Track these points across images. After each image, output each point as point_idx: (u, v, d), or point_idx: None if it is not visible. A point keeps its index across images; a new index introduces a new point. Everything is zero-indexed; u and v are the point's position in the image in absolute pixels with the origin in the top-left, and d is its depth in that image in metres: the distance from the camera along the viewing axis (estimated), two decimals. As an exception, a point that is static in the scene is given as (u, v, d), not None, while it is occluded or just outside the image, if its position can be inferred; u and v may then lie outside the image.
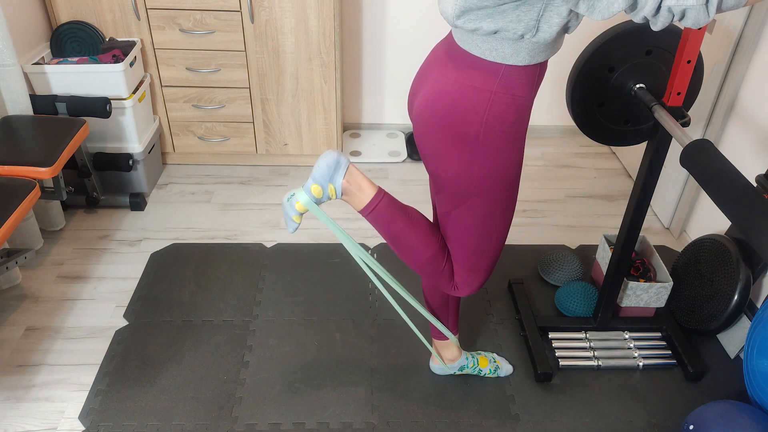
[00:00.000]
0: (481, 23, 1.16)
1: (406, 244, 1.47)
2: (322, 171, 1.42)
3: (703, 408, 1.61)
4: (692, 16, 1.06)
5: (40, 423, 1.78)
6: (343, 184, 1.43)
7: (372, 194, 1.43)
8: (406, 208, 1.48)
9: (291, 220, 1.49)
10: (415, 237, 1.46)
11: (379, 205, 1.44)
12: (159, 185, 2.82)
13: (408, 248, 1.47)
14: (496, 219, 1.40)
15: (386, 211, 1.44)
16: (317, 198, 1.44)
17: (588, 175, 3.01)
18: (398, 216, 1.45)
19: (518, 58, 1.21)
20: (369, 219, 1.46)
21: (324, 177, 1.42)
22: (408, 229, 1.46)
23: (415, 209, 1.50)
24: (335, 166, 1.42)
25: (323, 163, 1.41)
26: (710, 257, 2.04)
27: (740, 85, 2.17)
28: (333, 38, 2.61)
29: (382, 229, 1.46)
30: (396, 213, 1.45)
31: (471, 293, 1.55)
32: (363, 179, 1.44)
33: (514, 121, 1.27)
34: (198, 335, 2.06)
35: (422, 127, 1.34)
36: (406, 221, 1.46)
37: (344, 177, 1.42)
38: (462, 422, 1.81)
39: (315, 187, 1.43)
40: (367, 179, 1.45)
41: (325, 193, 1.44)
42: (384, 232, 1.47)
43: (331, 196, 1.45)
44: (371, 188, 1.44)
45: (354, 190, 1.43)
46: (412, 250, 1.47)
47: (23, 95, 2.23)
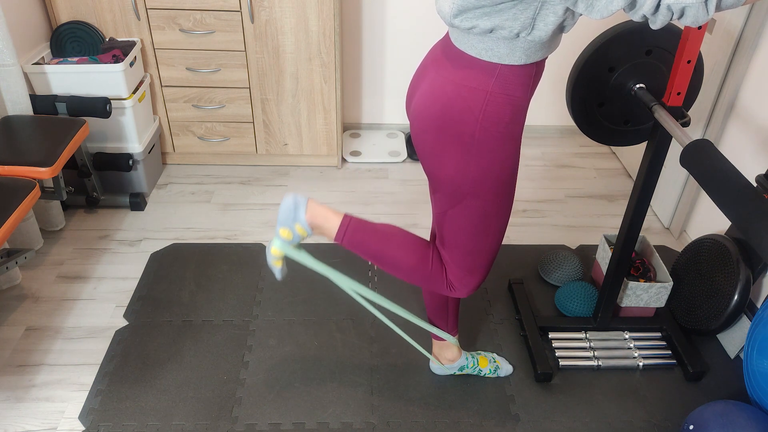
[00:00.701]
0: (477, 21, 1.16)
1: (388, 259, 1.51)
2: (284, 214, 1.49)
3: (703, 408, 1.61)
4: (691, 14, 1.06)
5: (40, 423, 1.78)
6: (307, 220, 1.48)
7: (339, 220, 1.48)
8: (377, 226, 1.52)
9: (274, 266, 1.57)
10: (395, 250, 1.50)
11: (348, 229, 1.48)
12: (159, 185, 2.83)
13: (391, 262, 1.51)
14: (491, 219, 1.40)
15: (358, 233, 1.49)
16: (290, 240, 1.51)
17: (588, 175, 3.01)
18: (370, 235, 1.50)
19: (514, 58, 1.21)
20: (345, 244, 1.50)
21: (288, 219, 1.49)
22: (384, 245, 1.50)
23: (388, 224, 1.55)
24: (294, 206, 1.48)
25: (283, 207, 1.49)
26: (710, 257, 2.04)
27: (740, 85, 2.17)
28: (333, 38, 2.61)
29: (361, 251, 1.51)
30: (368, 232, 1.50)
31: (469, 293, 1.54)
32: (325, 210, 1.50)
33: (510, 121, 1.27)
34: (198, 335, 2.06)
35: (419, 126, 1.34)
36: (380, 238, 1.50)
37: (306, 213, 1.48)
38: (462, 422, 1.81)
39: (283, 231, 1.50)
40: (330, 210, 1.50)
41: (295, 233, 1.50)
42: (363, 253, 1.51)
43: (303, 235, 1.51)
44: (337, 216, 1.49)
45: (320, 222, 1.48)
46: (395, 263, 1.51)
47: (23, 95, 2.23)
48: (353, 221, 1.50)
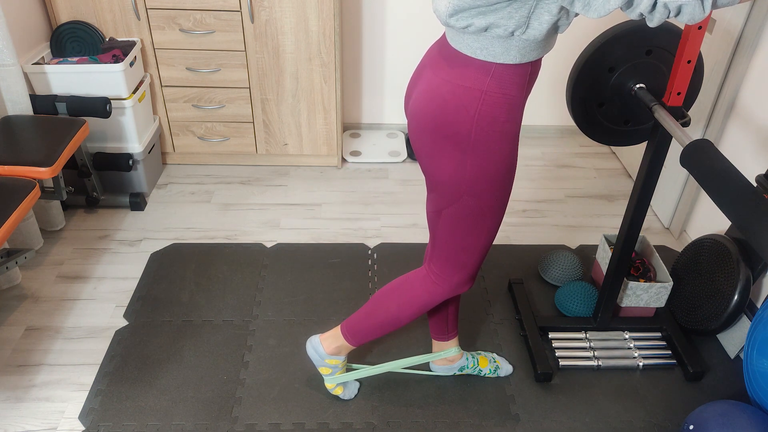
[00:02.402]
0: (472, 20, 1.16)
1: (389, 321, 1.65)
2: (315, 359, 1.77)
3: (703, 408, 1.61)
4: (688, 12, 1.07)
5: (40, 423, 1.78)
6: (329, 352, 1.74)
7: (340, 332, 1.73)
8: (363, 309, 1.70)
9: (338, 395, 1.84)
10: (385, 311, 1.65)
11: (350, 332, 1.70)
12: (159, 185, 2.83)
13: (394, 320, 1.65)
14: (486, 218, 1.40)
15: (357, 328, 1.69)
16: (331, 373, 1.79)
17: (588, 175, 3.01)
18: (364, 320, 1.68)
19: (509, 57, 1.21)
20: (361, 342, 1.72)
21: (320, 361, 1.77)
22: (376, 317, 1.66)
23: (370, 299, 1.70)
24: (314, 350, 1.76)
25: (309, 354, 1.78)
26: (710, 257, 2.04)
27: (740, 85, 2.17)
28: (333, 38, 2.61)
29: (372, 335, 1.69)
30: (361, 321, 1.69)
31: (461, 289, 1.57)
32: (331, 335, 1.75)
33: (506, 120, 1.27)
34: (198, 335, 2.06)
35: (416, 126, 1.35)
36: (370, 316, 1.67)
37: (324, 348, 1.75)
38: (462, 422, 1.81)
39: (323, 369, 1.78)
40: (333, 332, 1.75)
41: (332, 366, 1.77)
42: (375, 335, 1.69)
43: (336, 364, 1.77)
44: (337, 332, 1.74)
45: (336, 346, 1.74)
46: (395, 317, 1.64)
47: (23, 95, 2.23)
48: (347, 325, 1.71)
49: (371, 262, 2.40)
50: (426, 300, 1.59)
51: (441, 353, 1.87)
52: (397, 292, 1.63)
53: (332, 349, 1.74)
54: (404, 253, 2.45)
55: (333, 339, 1.74)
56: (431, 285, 1.57)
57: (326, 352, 1.75)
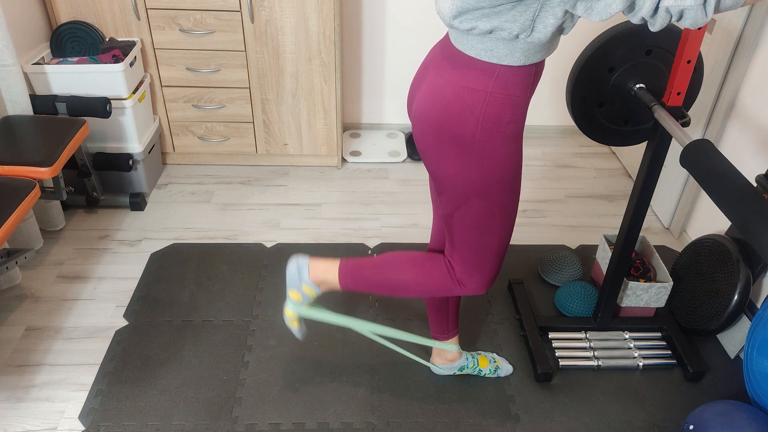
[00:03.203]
0: (476, 22, 1.16)
1: (392, 284, 1.57)
2: (291, 278, 1.61)
3: (703, 408, 1.61)
4: (690, 17, 1.07)
5: (40, 423, 1.78)
6: (311, 279, 1.59)
7: (336, 269, 1.59)
8: (372, 259, 1.60)
9: (292, 327, 1.69)
10: (394, 273, 1.56)
11: (347, 272, 1.58)
12: (159, 185, 2.83)
13: (396, 286, 1.57)
14: (497, 218, 1.40)
15: (356, 272, 1.58)
16: (300, 301, 1.62)
17: (588, 175, 3.01)
18: (368, 269, 1.58)
19: (513, 58, 1.21)
20: (352, 287, 1.59)
21: (295, 282, 1.61)
22: (383, 273, 1.57)
23: (382, 254, 1.62)
24: (297, 270, 1.60)
25: (288, 271, 1.61)
26: (710, 257, 2.04)
27: (740, 85, 2.17)
28: (333, 38, 2.61)
29: (366, 287, 1.58)
30: (364, 268, 1.58)
31: (481, 290, 1.54)
32: (324, 263, 1.60)
33: (510, 120, 1.27)
34: (198, 335, 2.06)
35: (420, 128, 1.35)
36: (377, 268, 1.58)
37: (309, 273, 1.59)
38: (462, 422, 1.81)
39: (292, 293, 1.62)
40: (328, 262, 1.60)
41: (304, 294, 1.61)
42: (370, 289, 1.59)
43: (311, 294, 1.62)
44: (333, 266, 1.60)
45: (323, 278, 1.59)
46: (399, 285, 1.57)
47: (23, 95, 2.23)
48: (349, 264, 1.59)
49: (371, 262, 2.40)
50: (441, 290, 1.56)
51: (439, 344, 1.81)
52: (417, 268, 1.55)
53: (317, 279, 1.60)
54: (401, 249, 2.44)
55: (324, 270, 1.60)
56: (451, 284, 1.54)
57: (309, 278, 1.60)
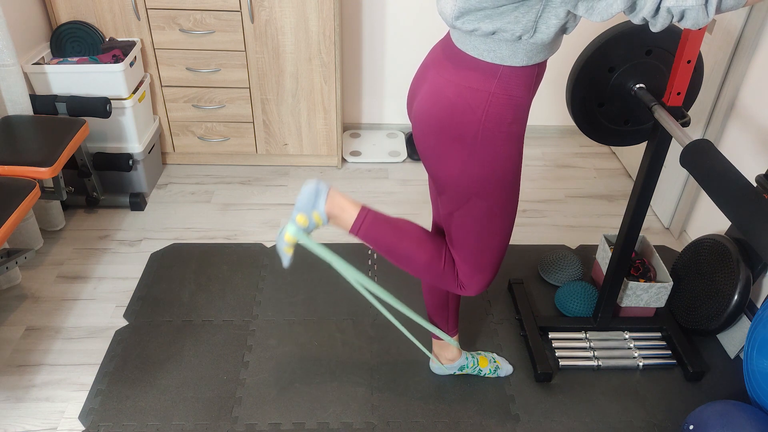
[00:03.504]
0: (479, 24, 1.15)
1: (401, 255, 1.50)
2: (304, 200, 1.46)
3: (703, 408, 1.61)
4: (691, 17, 1.06)
5: (40, 423, 1.78)
6: (326, 209, 1.46)
7: (355, 213, 1.47)
8: (393, 220, 1.51)
9: (284, 252, 1.52)
10: (408, 246, 1.49)
11: (365, 223, 1.47)
12: (159, 185, 2.83)
13: (403, 258, 1.50)
14: (497, 218, 1.40)
15: (373, 227, 1.47)
16: (305, 227, 1.48)
17: (588, 175, 3.01)
18: (386, 229, 1.48)
19: (516, 59, 1.21)
20: (359, 236, 1.49)
21: (307, 206, 1.46)
22: (399, 240, 1.48)
23: (404, 220, 1.52)
24: (315, 194, 1.46)
25: (304, 192, 1.46)
26: (710, 257, 2.04)
27: (740, 85, 2.17)
28: (333, 38, 2.61)
29: (375, 244, 1.49)
30: (383, 226, 1.48)
31: (479, 292, 1.55)
32: (345, 201, 1.47)
33: (512, 121, 1.27)
34: (198, 335, 2.06)
35: (421, 128, 1.34)
36: (396, 233, 1.48)
37: (326, 202, 1.46)
38: (462, 422, 1.81)
39: (300, 217, 1.47)
40: (349, 200, 1.48)
41: (311, 221, 1.48)
42: (377, 246, 1.50)
43: (318, 223, 1.49)
44: (354, 208, 1.47)
45: (337, 213, 1.47)
46: (407, 258, 1.50)
47: (23, 95, 2.23)
48: (370, 214, 1.48)
49: (371, 262, 2.40)
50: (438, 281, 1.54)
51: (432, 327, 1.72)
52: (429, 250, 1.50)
53: (331, 212, 1.47)
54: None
55: (341, 206, 1.47)
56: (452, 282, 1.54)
57: (323, 207, 1.47)
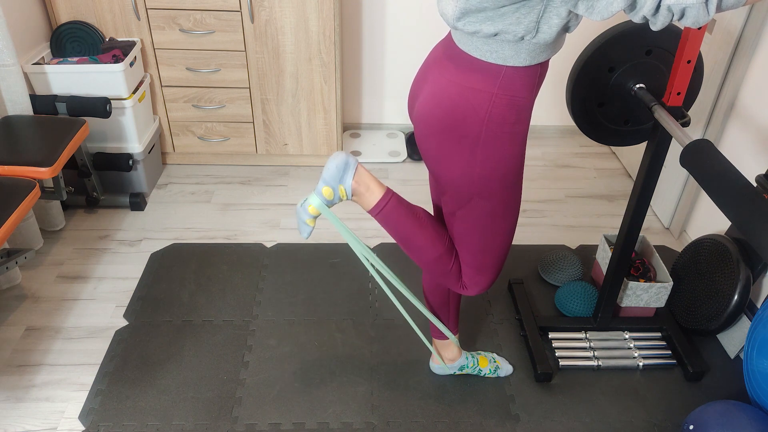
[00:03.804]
0: (480, 26, 1.15)
1: (415, 244, 1.48)
2: (331, 173, 1.43)
3: (703, 408, 1.61)
4: (692, 15, 1.06)
5: (40, 423, 1.78)
6: (352, 185, 1.44)
7: (380, 194, 1.44)
8: (415, 209, 1.49)
9: (305, 224, 1.50)
10: (424, 237, 1.47)
11: (387, 206, 1.45)
12: (159, 185, 2.82)
13: (416, 248, 1.49)
14: (499, 219, 1.40)
15: (394, 212, 1.45)
16: (329, 200, 1.46)
17: (588, 175, 3.01)
18: (406, 216, 1.46)
19: (518, 60, 1.20)
20: (378, 219, 1.47)
21: (334, 178, 1.43)
22: (416, 230, 1.47)
23: (424, 210, 1.51)
24: (344, 168, 1.43)
25: (332, 164, 1.42)
26: (710, 257, 2.04)
27: (740, 85, 2.17)
28: (333, 38, 2.61)
29: (391, 229, 1.47)
30: (404, 213, 1.46)
31: (480, 292, 1.55)
32: (371, 180, 1.45)
33: (515, 121, 1.27)
34: (198, 335, 2.06)
35: (423, 129, 1.34)
36: (415, 221, 1.47)
37: (353, 178, 1.44)
38: (462, 422, 1.81)
39: (326, 189, 1.45)
40: (375, 180, 1.46)
41: (336, 194, 1.45)
42: (393, 232, 1.48)
43: (342, 198, 1.46)
44: (380, 189, 1.45)
45: (362, 191, 1.44)
46: (420, 249, 1.49)
47: (23, 95, 2.23)
48: (393, 199, 1.46)
49: (371, 262, 2.40)
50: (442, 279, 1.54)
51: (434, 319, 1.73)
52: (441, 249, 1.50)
53: (358, 187, 1.45)
54: (404, 253, 2.44)
55: (367, 185, 1.45)
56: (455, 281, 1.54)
57: (350, 182, 1.44)
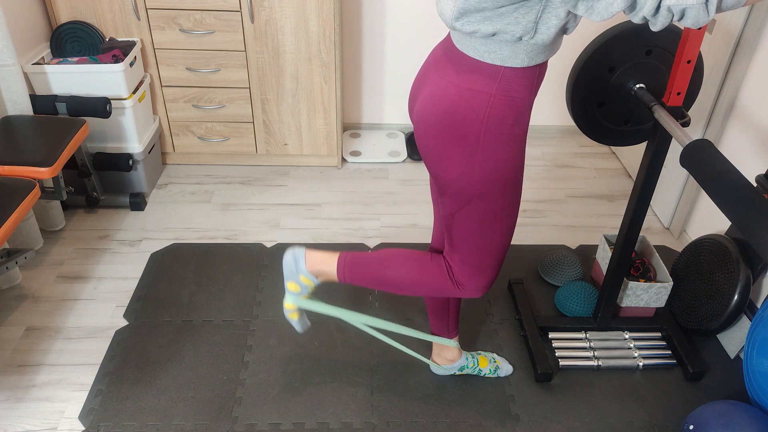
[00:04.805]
0: (479, 26, 1.15)
1: (391, 281, 1.56)
2: (288, 269, 1.59)
3: (703, 408, 1.61)
4: (692, 16, 1.06)
5: (40, 423, 1.78)
6: (308, 269, 1.57)
7: (335, 262, 1.57)
8: (372, 254, 1.58)
9: (292, 320, 1.67)
10: (394, 270, 1.55)
11: (346, 266, 1.56)
12: (159, 185, 2.83)
13: (395, 283, 1.56)
14: (499, 220, 1.40)
15: (355, 266, 1.56)
16: (299, 292, 1.61)
17: (588, 175, 3.01)
18: (368, 264, 1.56)
19: (517, 60, 1.21)
20: (349, 281, 1.57)
21: (292, 273, 1.59)
22: (383, 269, 1.55)
23: (383, 249, 1.60)
24: (294, 260, 1.58)
25: (285, 262, 1.59)
26: (710, 257, 2.04)
27: (740, 85, 2.17)
28: (333, 38, 2.61)
29: (364, 282, 1.57)
30: (364, 263, 1.56)
31: (480, 293, 1.54)
32: (322, 254, 1.58)
33: (514, 122, 1.27)
34: (198, 335, 2.06)
35: (423, 130, 1.34)
36: (377, 264, 1.56)
37: (305, 263, 1.57)
38: (462, 422, 1.81)
39: (291, 284, 1.60)
40: (325, 253, 1.58)
41: (302, 285, 1.60)
42: (368, 284, 1.57)
43: (309, 284, 1.60)
44: (332, 258, 1.58)
45: (321, 268, 1.57)
46: (398, 282, 1.56)
47: (23, 95, 2.23)
48: (348, 257, 1.57)
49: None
50: (437, 291, 1.55)
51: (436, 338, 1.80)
52: (416, 268, 1.55)
53: (314, 269, 1.57)
54: (404, 253, 2.45)
55: (322, 262, 1.58)
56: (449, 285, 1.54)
57: (306, 269, 1.57)
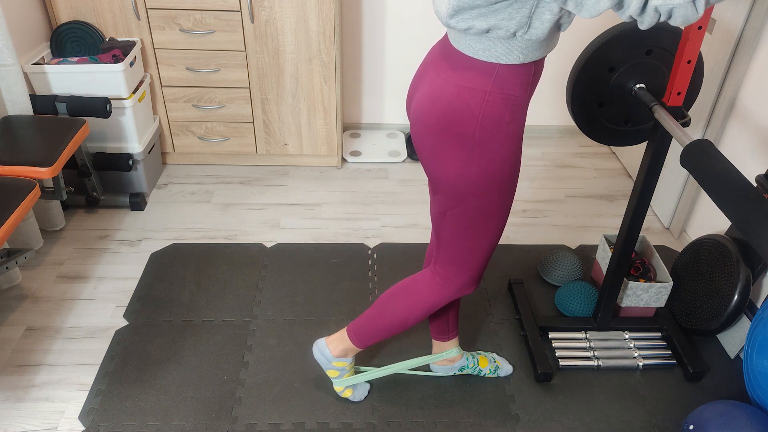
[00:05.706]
0: (473, 22, 1.16)
1: (396, 322, 1.65)
2: (322, 362, 1.76)
3: (703, 408, 1.61)
4: (680, 15, 1.06)
5: (40, 423, 1.78)
6: (335, 354, 1.73)
7: (346, 335, 1.72)
8: (369, 310, 1.69)
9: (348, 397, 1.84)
10: (392, 313, 1.64)
11: (355, 334, 1.70)
12: (159, 185, 2.83)
13: (400, 322, 1.64)
14: (491, 219, 1.40)
15: (362, 329, 1.69)
16: (339, 375, 1.78)
17: (588, 175, 3.01)
18: (371, 321, 1.67)
19: (511, 57, 1.21)
20: (367, 343, 1.70)
21: (327, 364, 1.76)
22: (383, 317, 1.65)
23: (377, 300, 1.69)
24: (320, 352, 1.75)
25: (316, 357, 1.77)
26: (710, 257, 2.04)
27: (740, 85, 2.17)
28: (333, 38, 2.61)
29: (378, 336, 1.68)
30: (368, 322, 1.68)
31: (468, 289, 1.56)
32: (337, 336, 1.74)
33: (510, 120, 1.27)
34: (198, 335, 2.06)
35: (419, 128, 1.34)
36: (377, 316, 1.66)
37: (330, 350, 1.74)
38: (462, 422, 1.81)
39: (331, 372, 1.78)
40: (339, 334, 1.74)
41: (340, 369, 1.76)
42: (381, 336, 1.69)
43: (344, 366, 1.76)
44: (344, 334, 1.73)
45: (343, 347, 1.73)
46: (402, 319, 1.64)
47: (23, 95, 2.23)
48: (352, 325, 1.71)
49: (371, 262, 2.40)
50: (432, 302, 1.59)
51: (443, 354, 1.87)
52: (403, 295, 1.62)
53: (339, 352, 1.73)
54: (404, 253, 2.45)
55: (339, 341, 1.73)
56: (437, 287, 1.56)
57: (333, 355, 1.74)
